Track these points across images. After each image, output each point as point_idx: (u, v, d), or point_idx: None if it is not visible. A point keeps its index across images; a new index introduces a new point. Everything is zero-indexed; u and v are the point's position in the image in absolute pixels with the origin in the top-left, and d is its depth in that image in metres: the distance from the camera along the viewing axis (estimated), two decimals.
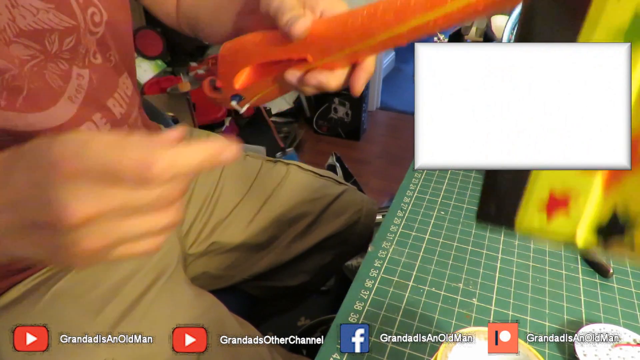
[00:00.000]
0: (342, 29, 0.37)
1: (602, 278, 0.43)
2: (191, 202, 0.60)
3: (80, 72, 0.44)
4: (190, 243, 0.60)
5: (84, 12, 0.43)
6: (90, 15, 0.44)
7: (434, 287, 0.43)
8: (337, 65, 0.41)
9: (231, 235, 0.61)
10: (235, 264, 0.63)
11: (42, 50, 0.40)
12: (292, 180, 0.66)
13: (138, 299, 0.46)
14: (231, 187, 0.63)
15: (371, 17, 0.35)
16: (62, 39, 0.42)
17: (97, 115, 0.46)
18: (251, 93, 0.47)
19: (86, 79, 0.45)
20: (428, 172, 0.60)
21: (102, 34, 0.46)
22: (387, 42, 0.36)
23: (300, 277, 0.68)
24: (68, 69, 0.43)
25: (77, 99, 0.44)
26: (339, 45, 0.38)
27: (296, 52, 0.40)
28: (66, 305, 0.44)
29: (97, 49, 0.46)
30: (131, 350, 0.42)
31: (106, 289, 0.45)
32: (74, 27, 0.42)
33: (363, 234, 0.69)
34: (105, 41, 0.46)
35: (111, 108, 0.48)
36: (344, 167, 1.44)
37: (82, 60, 0.44)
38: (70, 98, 0.44)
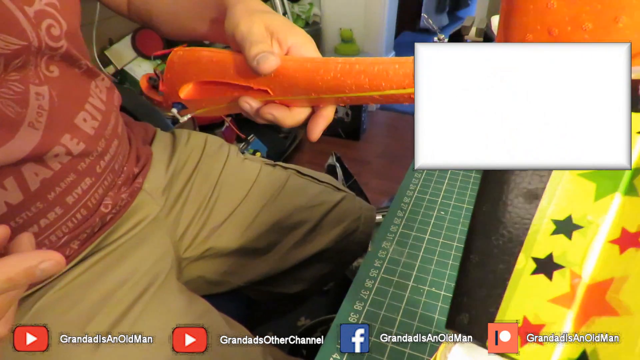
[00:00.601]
0: (312, 76, 0.35)
1: None
2: (187, 205, 0.59)
3: (39, 90, 0.39)
4: (185, 247, 0.59)
5: (36, 28, 0.37)
6: (46, 30, 0.38)
7: (434, 287, 0.43)
8: (297, 104, 0.39)
9: (228, 240, 0.60)
10: (232, 270, 0.62)
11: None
12: (290, 185, 0.65)
13: (128, 308, 0.44)
14: (229, 190, 0.62)
15: (345, 74, 0.34)
16: (8, 62, 0.36)
17: (65, 137, 0.42)
18: (196, 105, 0.45)
19: (46, 97, 0.39)
20: (428, 172, 0.60)
21: (65, 47, 0.41)
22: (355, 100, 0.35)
23: (298, 285, 0.68)
24: (24, 90, 0.37)
25: (40, 123, 0.39)
26: (305, 90, 0.37)
27: (257, 83, 0.38)
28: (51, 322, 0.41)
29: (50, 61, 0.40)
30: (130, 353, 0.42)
31: (94, 302, 0.43)
32: (23, 47, 0.36)
33: (362, 242, 0.69)
34: (71, 53, 0.42)
35: (81, 126, 0.43)
36: (344, 167, 1.44)
37: (37, 76, 0.39)
38: (32, 124, 0.38)
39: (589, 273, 0.21)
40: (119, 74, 1.60)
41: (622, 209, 0.21)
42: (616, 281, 0.20)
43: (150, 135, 0.62)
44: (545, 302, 0.22)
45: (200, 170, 0.61)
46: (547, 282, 0.22)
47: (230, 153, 0.65)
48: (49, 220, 0.42)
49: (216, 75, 0.41)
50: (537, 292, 0.22)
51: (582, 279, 0.21)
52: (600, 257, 0.21)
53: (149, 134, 0.62)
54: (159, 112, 0.80)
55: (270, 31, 0.39)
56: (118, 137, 0.50)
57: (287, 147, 1.91)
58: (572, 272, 0.22)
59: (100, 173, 0.47)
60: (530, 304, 0.22)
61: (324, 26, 2.37)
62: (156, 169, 0.56)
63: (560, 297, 0.21)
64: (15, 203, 0.39)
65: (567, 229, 0.22)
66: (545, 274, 0.22)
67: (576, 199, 0.22)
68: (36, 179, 0.40)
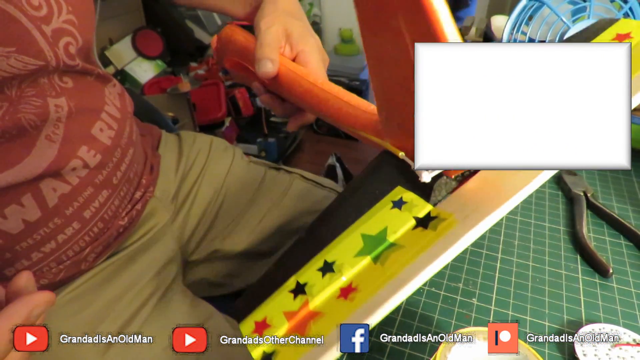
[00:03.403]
0: (302, 92, 0.41)
1: (602, 278, 0.44)
2: (193, 209, 0.58)
3: (57, 102, 0.38)
4: (191, 250, 0.59)
5: (53, 47, 0.36)
6: (64, 48, 0.38)
7: (434, 287, 0.43)
8: (288, 99, 0.46)
9: (233, 243, 0.60)
10: (235, 272, 0.62)
11: (3, 98, 0.34)
12: (295, 190, 0.64)
13: (135, 313, 0.44)
14: (234, 194, 0.62)
15: (322, 103, 0.39)
16: (23, 80, 0.35)
17: (82, 149, 0.40)
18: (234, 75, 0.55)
19: (65, 109, 0.38)
20: None
21: (81, 66, 0.40)
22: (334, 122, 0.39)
23: None
24: (43, 104, 0.36)
25: (57, 135, 0.38)
26: (294, 99, 0.43)
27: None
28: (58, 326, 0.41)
29: (63, 74, 0.39)
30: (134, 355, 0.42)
31: (100, 306, 0.43)
32: (40, 67, 0.35)
33: None
34: (86, 69, 0.41)
35: (98, 136, 0.42)
36: (344, 167, 1.44)
37: (52, 88, 0.38)
38: (49, 137, 0.37)
39: (315, 304, 0.28)
40: (119, 74, 1.60)
41: (363, 269, 0.27)
42: (321, 315, 0.27)
43: (156, 138, 0.61)
44: (280, 312, 0.29)
45: (206, 173, 0.61)
46: (291, 300, 0.29)
47: (235, 156, 0.65)
48: (66, 236, 0.41)
49: (241, 58, 0.49)
50: (282, 304, 0.29)
51: (308, 307, 0.28)
52: (327, 296, 0.28)
53: (155, 137, 0.61)
54: (161, 113, 0.80)
55: (287, 34, 0.44)
56: (133, 145, 0.49)
57: (287, 147, 1.91)
58: (306, 300, 0.28)
59: (117, 184, 0.46)
60: (273, 310, 0.30)
61: (324, 26, 2.37)
62: (166, 176, 0.56)
63: (289, 312, 0.28)
64: (33, 220, 0.38)
65: (326, 270, 0.29)
66: (294, 294, 0.29)
67: (346, 250, 0.29)
68: (54, 195, 0.39)
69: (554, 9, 0.57)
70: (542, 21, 0.58)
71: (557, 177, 0.58)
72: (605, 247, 0.47)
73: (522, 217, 0.52)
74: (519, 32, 0.62)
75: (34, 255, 0.40)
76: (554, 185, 0.57)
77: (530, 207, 0.53)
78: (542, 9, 0.59)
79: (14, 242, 0.38)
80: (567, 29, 0.57)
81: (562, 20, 0.56)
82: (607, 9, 0.58)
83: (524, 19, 0.61)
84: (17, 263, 0.40)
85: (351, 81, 2.16)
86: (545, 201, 0.54)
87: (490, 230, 0.49)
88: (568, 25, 0.57)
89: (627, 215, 0.52)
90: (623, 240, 0.48)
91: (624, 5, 0.56)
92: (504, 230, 0.50)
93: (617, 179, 0.59)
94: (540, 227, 0.50)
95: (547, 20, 0.58)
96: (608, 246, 0.47)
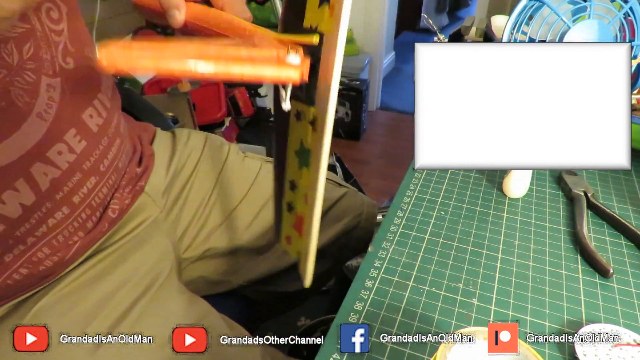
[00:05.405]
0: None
1: (602, 278, 0.43)
2: (186, 206, 0.59)
3: (51, 82, 0.39)
4: (185, 247, 0.59)
5: (36, 11, 0.38)
6: (46, 13, 0.39)
7: (434, 287, 0.43)
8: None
9: (228, 239, 0.60)
10: (232, 269, 0.62)
11: (3, 65, 0.35)
12: None
13: (128, 309, 0.44)
14: (228, 190, 0.62)
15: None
16: (19, 47, 0.36)
17: (70, 132, 0.42)
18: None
19: (58, 89, 0.39)
20: (428, 172, 0.60)
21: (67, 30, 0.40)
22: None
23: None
24: (35, 81, 0.38)
25: (49, 115, 0.39)
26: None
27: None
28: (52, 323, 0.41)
29: (67, 52, 0.41)
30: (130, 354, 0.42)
31: (94, 303, 0.43)
32: (28, 31, 0.37)
33: (362, 238, 0.69)
34: (80, 37, 0.42)
35: (87, 121, 0.43)
36: (344, 167, 1.44)
37: (52, 67, 0.39)
38: (40, 115, 0.38)
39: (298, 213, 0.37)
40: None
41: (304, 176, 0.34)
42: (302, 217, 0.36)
43: (150, 135, 0.61)
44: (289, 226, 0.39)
45: (199, 170, 0.61)
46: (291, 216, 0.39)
47: (230, 152, 0.65)
48: (56, 220, 0.43)
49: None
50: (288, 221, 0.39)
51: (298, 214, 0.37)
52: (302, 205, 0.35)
53: (150, 133, 0.62)
54: (159, 112, 0.80)
55: None
56: (120, 136, 0.50)
57: None
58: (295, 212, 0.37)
59: (104, 172, 0.47)
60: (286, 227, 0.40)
61: None
62: (157, 171, 0.57)
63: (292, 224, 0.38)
64: (29, 204, 0.40)
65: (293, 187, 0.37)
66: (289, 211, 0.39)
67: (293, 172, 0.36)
68: (46, 179, 0.41)
69: (554, 9, 0.57)
70: (542, 21, 0.58)
71: (558, 177, 0.58)
72: (606, 247, 0.47)
73: (522, 217, 0.52)
74: (519, 32, 0.62)
75: (29, 239, 0.41)
76: (554, 185, 0.57)
77: (531, 207, 0.53)
78: (542, 8, 0.59)
79: (14, 227, 0.40)
80: (567, 29, 0.57)
81: (562, 20, 0.56)
82: (608, 9, 0.58)
83: (524, 18, 0.61)
84: (14, 248, 0.41)
85: (351, 81, 2.16)
86: (546, 201, 0.54)
87: (491, 230, 0.49)
88: (568, 25, 0.57)
89: (628, 215, 0.52)
90: (623, 240, 0.48)
91: (624, 5, 0.56)
92: (504, 230, 0.50)
93: (617, 178, 0.58)
94: (540, 227, 0.50)
95: (548, 20, 0.58)
96: (608, 246, 0.47)
